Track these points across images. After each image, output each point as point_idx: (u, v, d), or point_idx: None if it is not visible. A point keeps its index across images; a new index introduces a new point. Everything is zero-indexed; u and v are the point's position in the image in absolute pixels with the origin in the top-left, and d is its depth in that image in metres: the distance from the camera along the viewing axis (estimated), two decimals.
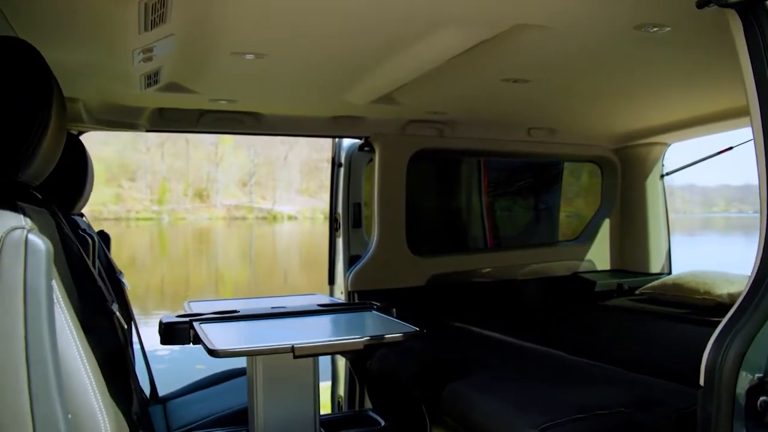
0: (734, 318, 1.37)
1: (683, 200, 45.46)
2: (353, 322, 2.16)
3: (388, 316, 2.14)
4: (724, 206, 59.78)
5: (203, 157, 56.45)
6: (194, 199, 55.45)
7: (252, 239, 44.04)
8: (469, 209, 4.38)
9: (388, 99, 2.96)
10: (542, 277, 4.24)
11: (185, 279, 23.25)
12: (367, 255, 3.57)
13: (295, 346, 1.60)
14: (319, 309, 2.20)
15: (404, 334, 1.82)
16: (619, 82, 2.81)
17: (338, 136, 3.61)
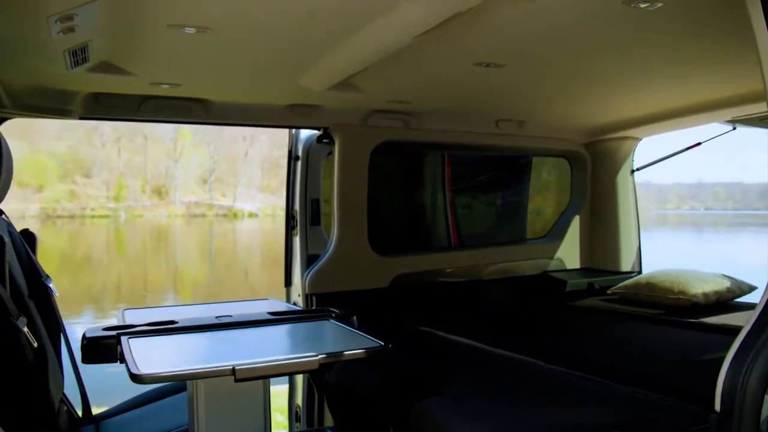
0: (753, 334, 1.17)
1: (639, 197, 45.91)
2: (308, 334, 1.90)
3: (348, 326, 1.90)
4: (677, 203, 61.31)
5: (162, 153, 55.34)
6: (152, 196, 54.30)
7: (212, 237, 43.39)
8: (434, 206, 4.17)
9: (348, 85, 2.72)
10: (511, 277, 4.06)
11: (143, 278, 22.79)
12: (327, 255, 3.32)
13: (236, 367, 1.35)
14: (269, 319, 1.94)
15: (366, 350, 1.58)
16: (597, 69, 2.64)
17: (295, 126, 3.35)
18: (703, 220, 51.34)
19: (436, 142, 3.74)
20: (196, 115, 2.98)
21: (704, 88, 3.03)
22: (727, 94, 3.11)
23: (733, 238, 36.22)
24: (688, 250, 24.98)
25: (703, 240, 34.44)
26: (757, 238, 36.25)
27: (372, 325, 3.28)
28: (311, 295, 3.25)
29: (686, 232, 38.64)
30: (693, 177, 56.83)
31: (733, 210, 60.37)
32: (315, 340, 1.85)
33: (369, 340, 1.67)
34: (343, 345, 1.70)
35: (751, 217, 53.06)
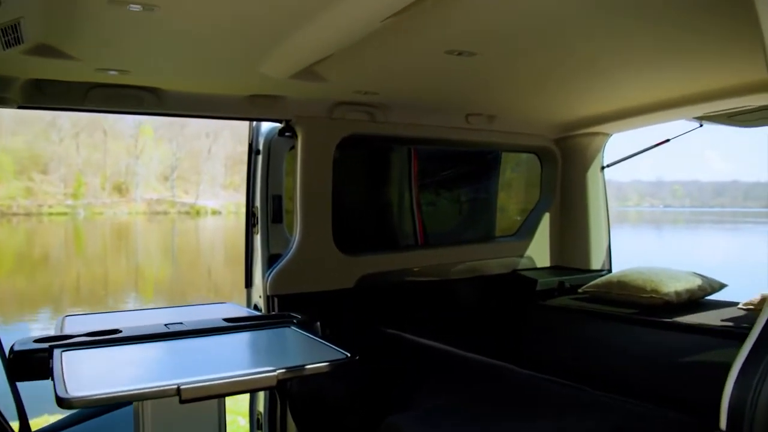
0: (759, 347, 1.04)
1: None
2: (266, 344, 1.74)
3: (310, 333, 1.73)
4: (637, 200, 62.70)
5: (122, 149, 54.31)
6: (113, 193, 53.28)
7: (174, 235, 42.77)
8: (401, 203, 4.03)
9: (311, 74, 2.55)
10: (480, 276, 3.95)
11: (103, 277, 22.32)
12: (289, 254, 3.16)
13: (182, 387, 1.19)
14: (224, 326, 1.76)
15: (331, 362, 1.42)
16: (570, 60, 2.53)
17: (255, 118, 3.17)
18: (662, 218, 52.59)
19: (404, 137, 3.60)
20: (148, 106, 2.78)
21: (675, 83, 2.99)
22: (696, 90, 3.08)
23: (691, 235, 37.10)
24: (648, 246, 25.42)
25: (663, 236, 35.15)
26: (712, 234, 37.23)
27: (337, 328, 3.15)
28: (273, 297, 3.08)
29: (646, 228, 39.45)
30: (652, 175, 58.19)
31: (690, 207, 62.06)
32: (274, 352, 1.68)
33: (333, 350, 1.51)
34: (304, 356, 1.54)
35: (707, 214, 54.62)
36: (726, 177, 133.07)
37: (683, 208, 62.74)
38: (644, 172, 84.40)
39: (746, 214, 51.42)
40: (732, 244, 31.16)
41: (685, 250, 24.77)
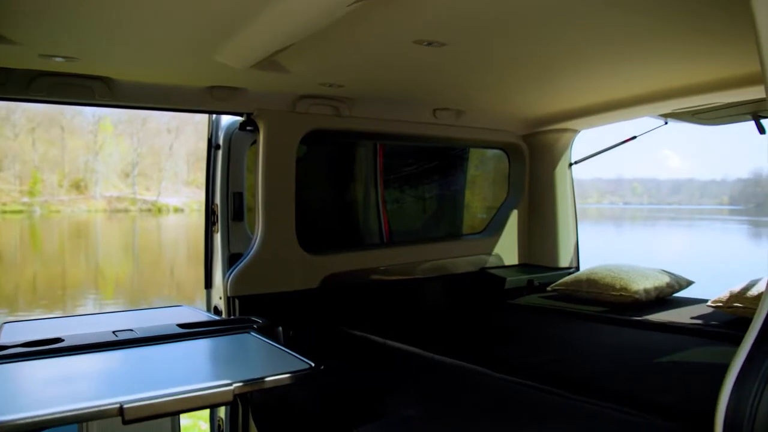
0: (756, 351, 0.97)
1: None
2: (223, 352, 1.60)
3: (272, 339, 1.60)
4: (598, 198, 63.90)
5: (80, 145, 53.10)
6: (71, 190, 52.06)
7: (135, 233, 41.93)
8: (367, 200, 3.93)
9: (273, 64, 2.43)
10: (448, 274, 3.87)
11: (61, 276, 21.72)
12: (251, 253, 3.02)
13: (125, 406, 1.05)
14: (178, 333, 1.63)
15: (293, 373, 1.30)
16: (541, 53, 2.46)
17: (215, 111, 3.02)
18: (622, 215, 53.65)
19: (370, 132, 3.49)
20: (99, 96, 2.61)
21: (644, 79, 2.97)
22: (664, 86, 3.07)
23: (649, 231, 37.87)
24: (609, 243, 25.83)
25: (623, 233, 35.79)
26: (669, 231, 38.10)
27: (301, 330, 3.03)
28: (233, 298, 2.94)
29: (606, 225, 40.12)
30: (612, 173, 59.35)
31: (648, 204, 63.49)
32: (231, 361, 1.55)
33: (296, 359, 1.39)
34: (265, 366, 1.42)
35: (664, 211, 55.93)
36: (683, 175, 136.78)
37: (642, 205, 64.09)
38: (604, 169, 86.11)
39: (701, 211, 52.80)
40: (688, 240, 31.89)
41: (643, 246, 25.24)
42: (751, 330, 1.09)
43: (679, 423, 1.63)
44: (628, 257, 3.94)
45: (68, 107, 45.59)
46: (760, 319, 1.08)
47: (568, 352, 2.49)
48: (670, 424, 1.64)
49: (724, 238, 32.35)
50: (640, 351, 2.44)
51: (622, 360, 2.31)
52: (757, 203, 53.58)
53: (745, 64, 2.62)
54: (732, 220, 44.89)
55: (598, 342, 2.65)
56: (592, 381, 2.04)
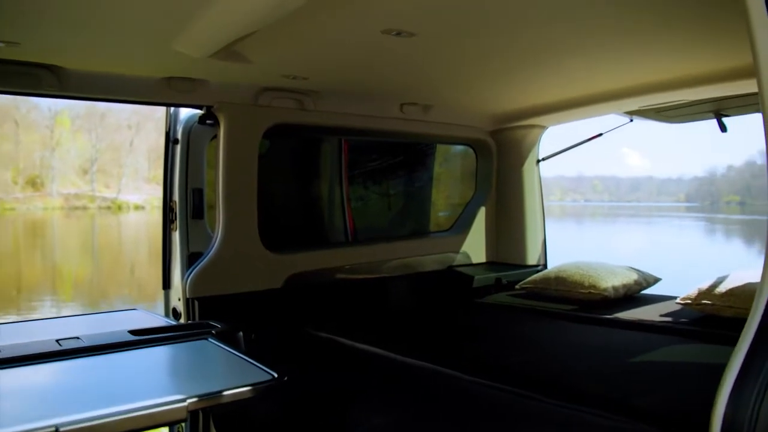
0: (754, 355, 0.90)
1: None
2: (178, 362, 1.48)
3: (231, 348, 1.49)
4: (560, 195, 64.96)
5: (36, 141, 51.69)
6: (26, 187, 50.62)
7: (95, 231, 40.98)
8: (331, 197, 3.82)
9: (234, 54, 2.31)
10: (415, 273, 3.79)
11: (16, 277, 21.01)
12: (211, 252, 2.90)
13: (61, 429, 0.93)
14: (129, 341, 1.50)
15: (254, 386, 1.19)
16: (513, 46, 2.40)
17: (173, 104, 2.88)
18: (583, 212, 54.56)
19: (335, 126, 3.39)
20: (47, 86, 2.44)
21: (611, 76, 2.95)
22: (631, 83, 3.06)
23: (610, 228, 38.59)
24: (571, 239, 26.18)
25: (584, 230, 36.36)
26: (629, 227, 38.89)
27: (264, 332, 2.92)
28: (193, 300, 2.81)
29: (569, 222, 40.73)
30: (574, 171, 60.39)
31: (609, 202, 64.76)
32: (186, 372, 1.42)
33: (258, 369, 1.28)
34: (224, 377, 1.31)
35: (624, 208, 57.12)
36: (642, 173, 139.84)
37: (602, 203, 65.29)
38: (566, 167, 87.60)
39: (660, 209, 54.06)
40: (647, 236, 32.56)
41: (605, 243, 25.67)
42: (746, 332, 1.03)
43: (661, 429, 1.58)
44: (590, 254, 3.94)
45: (23, 100, 43.11)
46: (756, 321, 1.02)
47: (540, 352, 2.43)
48: (653, 429, 1.58)
49: (681, 235, 33.13)
50: (613, 351, 2.40)
51: (595, 360, 2.26)
52: (711, 201, 55.10)
53: (710, 61, 2.63)
54: (688, 217, 46.06)
55: (570, 341, 2.60)
56: (567, 383, 1.98)
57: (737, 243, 30.12)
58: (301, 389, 2.06)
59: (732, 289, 2.78)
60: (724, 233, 35.42)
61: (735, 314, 2.70)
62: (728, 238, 32.87)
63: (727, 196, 55.92)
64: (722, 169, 60.67)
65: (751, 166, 55.27)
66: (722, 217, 45.77)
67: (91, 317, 1.77)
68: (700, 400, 1.77)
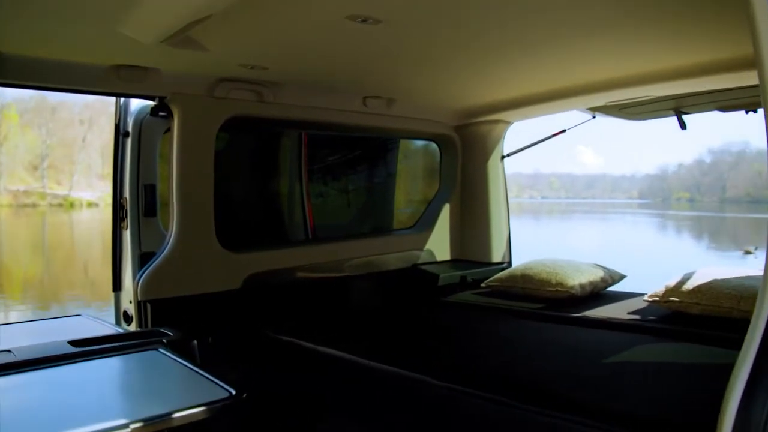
0: (763, 363, 0.82)
1: None
2: (123, 378, 1.33)
3: (184, 360, 1.34)
4: (517, 192, 65.88)
5: None
6: None
7: (45, 229, 39.71)
8: (291, 194, 3.69)
9: (188, 41, 2.15)
10: (378, 272, 3.68)
11: None
12: (164, 252, 2.73)
13: None
14: (69, 353, 1.34)
15: (209, 405, 1.06)
16: (481, 37, 2.32)
17: (122, 94, 2.70)
18: (540, 208, 55.44)
19: (295, 120, 3.26)
20: None
21: (577, 71, 2.91)
22: (596, 78, 3.04)
23: (566, 224, 39.30)
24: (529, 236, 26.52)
25: (541, 226, 36.90)
26: (584, 223, 39.70)
27: (222, 336, 2.77)
28: (145, 302, 2.64)
29: (526, 219, 41.32)
30: (531, 168, 61.31)
31: (565, 198, 66.00)
32: (132, 391, 1.26)
33: (213, 384, 1.15)
34: (175, 395, 1.17)
35: (580, 204, 58.31)
36: (597, 170, 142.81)
37: (559, 199, 66.43)
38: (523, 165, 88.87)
39: (614, 205, 55.32)
40: (601, 232, 33.23)
41: (561, 239, 26.09)
42: (751, 339, 0.95)
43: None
44: (549, 250, 3.93)
45: None
46: (761, 326, 0.94)
47: (512, 354, 2.35)
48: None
49: (635, 230, 33.93)
50: (586, 351, 2.34)
51: (568, 362, 2.19)
52: (663, 198, 56.64)
53: (675, 58, 2.62)
54: (641, 213, 47.26)
55: (541, 342, 2.53)
56: (543, 387, 1.90)
57: (688, 238, 31.02)
58: (263, 397, 1.93)
59: (699, 286, 2.76)
60: (676, 229, 36.43)
61: (702, 311, 2.69)
62: (679, 233, 33.80)
63: (678, 193, 57.58)
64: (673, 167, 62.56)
65: (700, 164, 57.07)
66: (673, 214, 47.06)
67: (27, 326, 1.60)
68: (680, 404, 1.72)
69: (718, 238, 30.09)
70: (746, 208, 45.57)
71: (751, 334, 0.96)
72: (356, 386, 2.10)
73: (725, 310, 2.62)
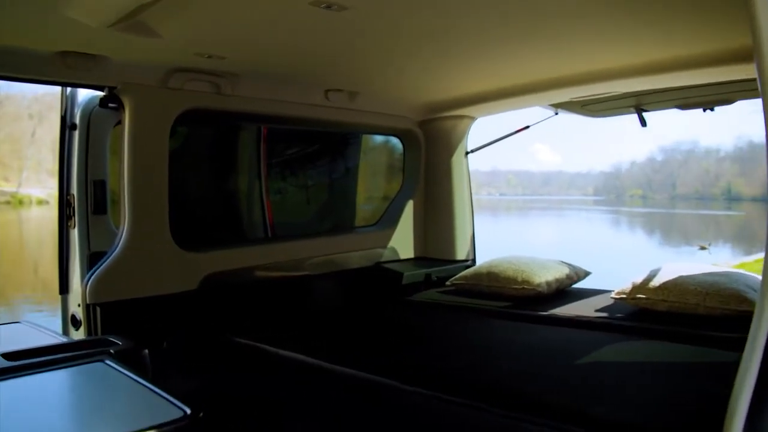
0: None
1: None
2: (62, 396, 1.19)
3: (133, 373, 1.21)
4: (476, 189, 66.67)
5: None
6: None
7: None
8: (250, 190, 3.55)
9: (140, 26, 2.01)
10: (340, 270, 3.58)
11: None
12: (116, 252, 2.58)
13: None
14: (2, 368, 1.20)
15: (160, 429, 0.94)
16: (447, 29, 2.25)
17: (69, 83, 2.53)
18: (498, 205, 56.08)
19: (254, 113, 3.12)
20: None
21: (541, 66, 2.88)
22: (559, 74, 3.02)
23: (524, 221, 39.86)
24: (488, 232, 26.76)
25: (499, 222, 37.31)
26: (541, 219, 40.36)
27: (178, 341, 2.63)
28: (94, 306, 2.48)
29: (483, 215, 41.78)
30: (488, 165, 62.01)
31: (522, 195, 66.93)
32: (72, 411, 1.12)
33: (165, 401, 1.03)
34: (121, 415, 1.04)
35: (536, 201, 59.24)
36: (553, 168, 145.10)
37: (516, 196, 67.30)
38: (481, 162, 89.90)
39: (570, 202, 56.35)
40: (558, 228, 33.80)
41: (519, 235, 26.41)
42: (754, 346, 0.88)
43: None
44: (509, 246, 3.92)
45: None
46: (763, 336, 0.87)
47: (481, 355, 2.28)
48: None
49: (590, 226, 34.63)
50: (555, 351, 2.28)
51: (541, 363, 2.13)
52: (616, 194, 57.92)
53: (639, 54, 2.61)
54: (596, 209, 48.24)
55: (509, 341, 2.47)
56: (516, 390, 1.83)
57: (640, 234, 31.78)
58: (221, 407, 1.81)
59: (665, 282, 2.75)
60: (629, 225, 37.31)
61: (668, 308, 2.68)
62: (632, 229, 34.63)
63: (631, 190, 58.96)
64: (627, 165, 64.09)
65: (652, 162, 58.60)
66: (626, 210, 48.16)
67: None
68: (661, 408, 1.67)
69: (670, 234, 30.94)
70: (695, 205, 46.98)
71: (754, 346, 0.90)
72: (319, 390, 1.99)
73: (691, 307, 2.62)
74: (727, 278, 2.70)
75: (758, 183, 42.06)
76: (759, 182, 41.53)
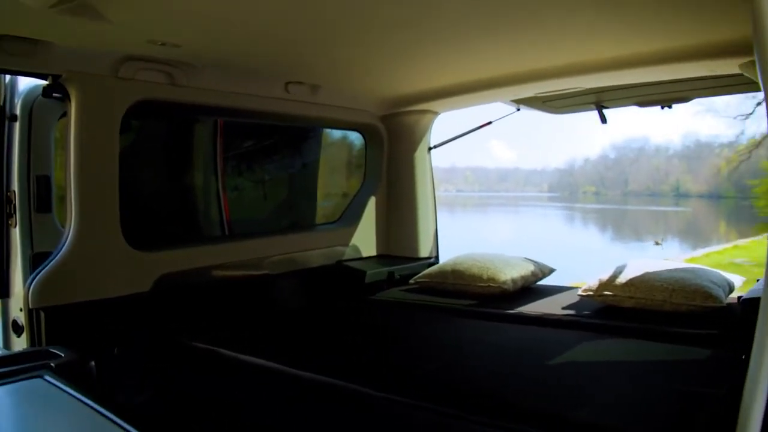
0: None
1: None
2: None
3: (75, 391, 1.08)
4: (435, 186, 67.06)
5: None
6: None
7: None
8: (206, 187, 3.41)
9: (86, 9, 1.86)
10: (301, 269, 3.47)
11: None
12: (62, 252, 2.41)
13: None
14: None
15: None
16: (413, 19, 2.18)
17: (7, 70, 2.35)
18: (455, 201, 56.45)
19: (211, 106, 2.98)
20: None
21: (505, 61, 2.85)
22: (523, 69, 2.99)
23: (480, 217, 40.23)
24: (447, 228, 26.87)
25: (456, 218, 37.54)
26: (498, 216, 40.80)
27: (131, 346, 2.48)
28: (38, 310, 2.31)
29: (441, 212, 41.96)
30: (447, 162, 62.45)
31: (479, 192, 67.58)
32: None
33: (108, 421, 0.91)
34: None
35: (493, 198, 59.88)
36: (509, 164, 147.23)
37: (473, 193, 67.89)
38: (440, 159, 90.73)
39: (526, 198, 57.16)
40: (514, 224, 34.23)
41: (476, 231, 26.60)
42: (761, 358, 0.82)
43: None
44: (467, 242, 3.87)
45: None
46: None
47: (451, 356, 2.21)
48: None
49: (545, 222, 35.18)
50: (527, 351, 2.23)
51: (513, 363, 2.07)
52: (571, 191, 59.08)
53: (601, 50, 2.60)
54: (551, 206, 49.05)
55: (478, 341, 2.40)
56: (490, 394, 1.76)
57: (593, 229, 32.42)
58: (177, 419, 1.69)
59: (632, 279, 2.74)
60: (582, 221, 38.03)
61: (635, 305, 2.67)
62: (586, 224, 35.31)
63: (585, 186, 60.17)
64: (580, 162, 65.37)
65: (605, 159, 59.88)
66: (580, 206, 49.10)
67: None
68: (639, 409, 1.62)
69: (621, 230, 31.62)
70: (646, 201, 48.25)
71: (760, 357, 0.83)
72: (279, 393, 1.89)
73: (658, 303, 2.61)
74: (693, 274, 2.70)
75: (703, 180, 43.53)
76: (704, 179, 43.01)
